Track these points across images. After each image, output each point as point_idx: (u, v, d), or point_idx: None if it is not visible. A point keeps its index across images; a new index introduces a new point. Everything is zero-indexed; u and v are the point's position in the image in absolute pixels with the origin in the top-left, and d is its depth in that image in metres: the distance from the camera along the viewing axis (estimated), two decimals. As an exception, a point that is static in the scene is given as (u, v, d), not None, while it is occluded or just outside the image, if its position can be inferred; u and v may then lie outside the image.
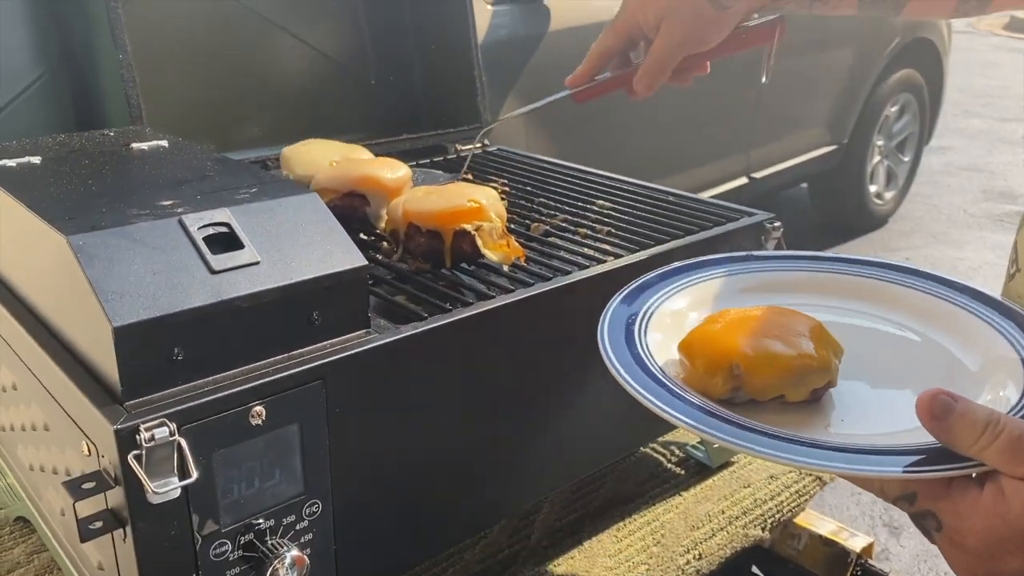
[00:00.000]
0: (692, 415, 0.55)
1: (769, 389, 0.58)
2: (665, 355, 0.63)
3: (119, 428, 0.49)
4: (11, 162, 0.69)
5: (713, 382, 0.58)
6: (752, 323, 0.60)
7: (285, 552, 0.56)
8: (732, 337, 0.59)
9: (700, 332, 0.61)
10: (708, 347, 0.59)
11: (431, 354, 0.63)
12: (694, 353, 0.60)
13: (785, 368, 0.57)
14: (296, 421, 0.56)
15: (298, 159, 0.90)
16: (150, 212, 0.56)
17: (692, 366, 0.60)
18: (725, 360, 0.58)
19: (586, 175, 1.02)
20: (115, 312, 0.50)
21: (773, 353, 0.57)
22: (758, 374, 0.57)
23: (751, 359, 0.57)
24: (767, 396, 0.58)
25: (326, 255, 0.58)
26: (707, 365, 0.58)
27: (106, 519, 0.52)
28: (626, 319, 0.65)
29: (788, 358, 0.57)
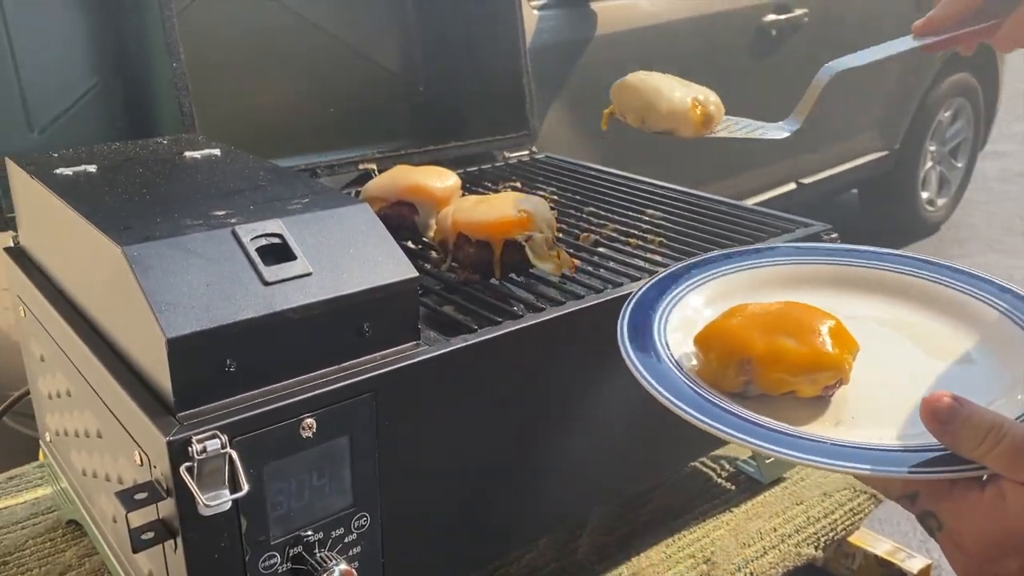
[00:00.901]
0: (698, 405, 0.55)
1: (780, 385, 0.57)
2: (682, 349, 0.63)
3: (171, 440, 0.48)
4: (68, 170, 0.70)
5: (725, 375, 0.58)
6: (768, 318, 0.60)
7: (334, 565, 0.56)
8: (746, 332, 0.59)
9: (715, 326, 0.62)
10: (721, 341, 0.60)
11: (481, 366, 0.63)
12: (708, 346, 0.60)
13: (796, 364, 0.57)
14: (346, 433, 0.56)
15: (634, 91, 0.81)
16: (204, 222, 0.57)
17: (705, 359, 0.60)
18: (737, 354, 0.58)
19: (636, 183, 1.01)
20: (169, 323, 0.50)
21: (785, 349, 0.57)
22: (769, 369, 0.57)
23: (763, 354, 0.57)
24: (778, 391, 0.58)
25: (377, 266, 0.58)
26: (720, 359, 0.59)
27: (157, 530, 0.52)
28: (647, 309, 0.65)
29: (800, 354, 0.57)
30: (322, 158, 1.01)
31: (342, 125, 1.13)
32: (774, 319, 0.60)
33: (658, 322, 0.65)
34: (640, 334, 0.62)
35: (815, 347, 0.57)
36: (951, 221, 3.89)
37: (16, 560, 0.80)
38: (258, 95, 1.08)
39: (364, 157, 1.02)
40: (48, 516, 0.86)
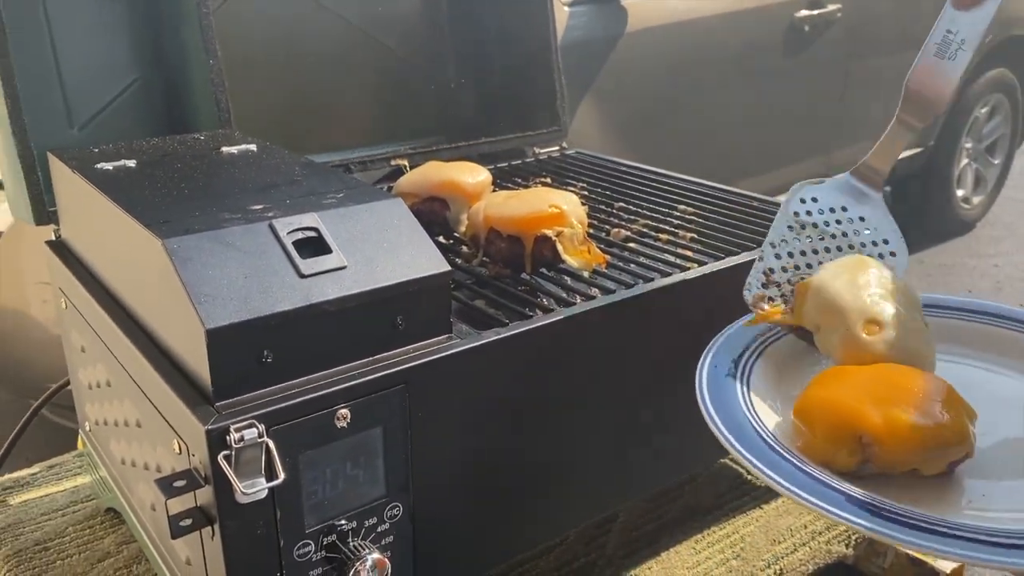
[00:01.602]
0: (824, 495, 0.49)
1: (902, 463, 0.52)
2: (771, 418, 0.59)
3: (210, 428, 0.50)
4: (108, 165, 0.71)
5: (837, 455, 0.53)
6: (877, 386, 0.54)
7: (367, 554, 0.57)
8: (857, 403, 0.53)
9: (818, 396, 0.56)
10: (830, 415, 0.54)
11: (512, 360, 0.63)
12: (814, 420, 0.54)
13: (922, 441, 0.51)
14: (379, 424, 0.57)
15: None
16: (241, 216, 0.58)
17: (811, 435, 0.54)
18: (851, 430, 0.52)
19: (667, 179, 1.01)
20: (208, 314, 0.51)
21: (908, 423, 0.52)
22: (891, 447, 0.52)
23: (882, 430, 0.52)
24: (899, 471, 0.53)
25: (411, 260, 0.59)
26: (830, 435, 0.53)
27: (195, 517, 0.53)
28: (725, 371, 0.62)
29: (925, 429, 0.51)
30: (354, 154, 1.02)
31: (373, 121, 1.14)
32: (885, 387, 0.54)
33: (741, 385, 0.60)
34: (726, 406, 0.58)
35: (939, 419, 0.52)
36: (986, 219, 3.83)
37: (57, 546, 0.82)
38: (291, 92, 1.10)
39: (396, 153, 1.03)
40: (87, 504, 0.88)
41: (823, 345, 0.62)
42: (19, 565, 0.79)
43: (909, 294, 0.64)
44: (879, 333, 0.60)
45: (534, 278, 0.76)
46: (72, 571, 0.79)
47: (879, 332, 0.60)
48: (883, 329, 0.60)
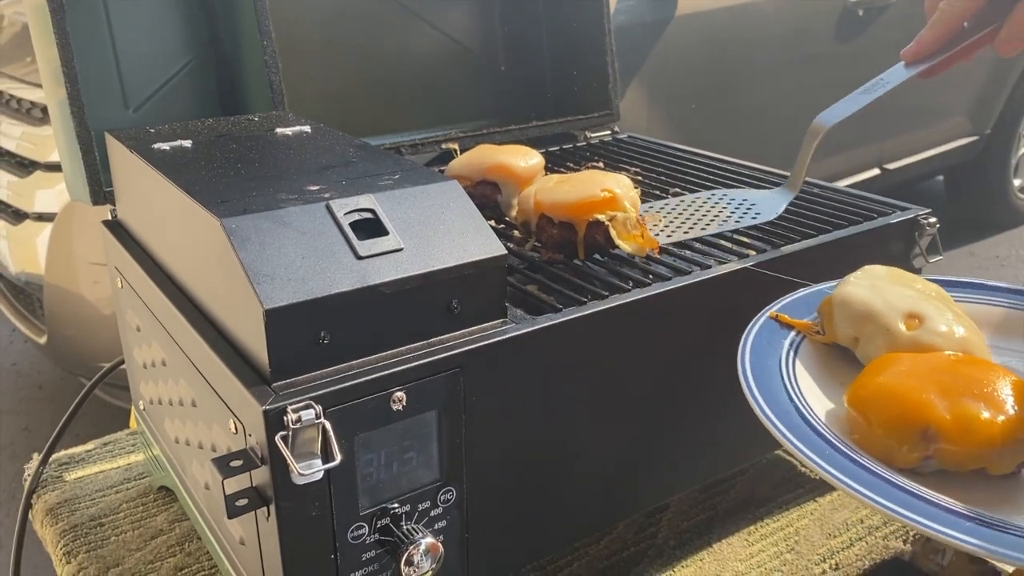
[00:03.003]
0: (889, 494, 0.46)
1: (970, 461, 0.49)
2: (823, 404, 0.56)
3: (268, 409, 0.49)
4: (165, 145, 0.71)
5: (899, 449, 0.49)
6: (941, 376, 0.51)
7: (420, 538, 0.56)
8: (922, 394, 0.49)
9: (876, 383, 0.52)
10: (892, 405, 0.50)
11: (565, 346, 0.62)
12: (872, 410, 0.51)
13: (993, 437, 0.48)
14: (434, 408, 0.56)
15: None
16: (298, 197, 0.57)
17: (868, 426, 0.51)
18: (916, 423, 0.49)
19: (723, 164, 0.99)
20: (267, 295, 0.50)
21: (978, 417, 0.48)
22: (959, 443, 0.48)
23: (951, 425, 0.48)
24: (966, 468, 0.49)
25: (467, 243, 0.58)
26: (891, 427, 0.50)
27: (251, 497, 0.53)
28: (772, 354, 0.58)
29: (996, 425, 0.48)
30: (404, 137, 1.01)
31: (423, 105, 1.13)
32: (950, 377, 0.50)
33: (787, 367, 0.57)
34: (768, 384, 0.54)
35: (1011, 414, 0.48)
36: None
37: (111, 522, 0.83)
38: (342, 74, 1.10)
39: (447, 136, 1.02)
40: (140, 482, 0.89)
41: (867, 358, 0.59)
42: (75, 540, 0.80)
43: (931, 284, 0.63)
44: (922, 325, 0.58)
45: (587, 264, 0.75)
46: (126, 547, 0.80)
47: (921, 324, 0.58)
48: (925, 320, 0.58)
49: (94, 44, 0.89)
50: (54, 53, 0.80)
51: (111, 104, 0.94)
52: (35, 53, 0.83)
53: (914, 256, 0.79)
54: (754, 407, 0.53)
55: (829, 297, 0.62)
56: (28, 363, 2.71)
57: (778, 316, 0.63)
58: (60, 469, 0.92)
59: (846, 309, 0.60)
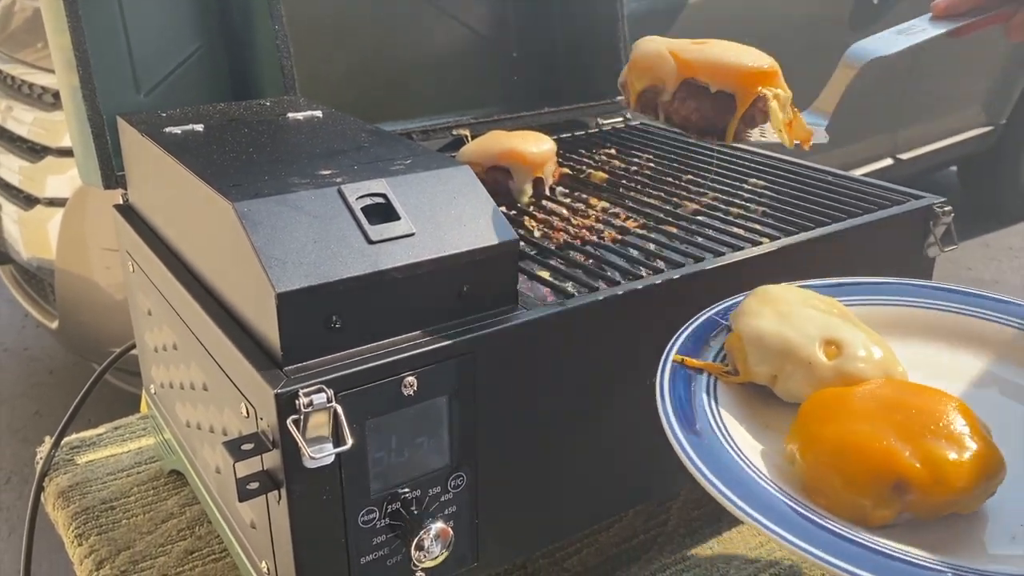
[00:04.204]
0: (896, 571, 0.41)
1: (944, 508, 0.45)
2: (751, 443, 0.51)
3: (279, 392, 0.49)
4: (176, 129, 0.71)
5: (873, 509, 0.45)
6: (892, 414, 0.46)
7: (431, 523, 0.56)
8: (883, 442, 0.45)
9: (831, 437, 0.47)
10: (857, 461, 0.45)
11: (576, 332, 0.62)
12: (835, 469, 0.46)
13: (965, 481, 0.44)
14: (445, 393, 0.56)
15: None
16: (310, 181, 0.57)
17: (828, 487, 0.46)
18: (886, 478, 0.44)
19: (736, 152, 0.98)
20: (278, 278, 0.50)
21: (948, 462, 0.44)
22: (934, 493, 0.44)
23: (922, 475, 0.44)
24: (938, 515, 0.46)
25: (478, 228, 0.58)
26: (860, 486, 0.45)
27: (262, 480, 0.53)
28: (699, 411, 0.53)
29: (965, 466, 0.44)
30: (415, 124, 1.01)
31: (434, 91, 1.13)
32: (902, 415, 0.46)
33: (718, 426, 0.52)
34: (714, 458, 0.49)
35: (973, 449, 0.45)
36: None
37: (122, 505, 0.83)
38: (354, 60, 1.09)
39: (458, 123, 1.01)
40: (151, 465, 0.90)
41: (788, 393, 0.55)
42: (86, 523, 0.81)
43: (827, 299, 0.58)
44: (842, 352, 0.53)
45: (598, 249, 0.75)
46: (137, 530, 0.80)
47: (841, 352, 0.53)
48: (844, 346, 0.54)
49: (106, 29, 0.89)
50: (66, 39, 0.79)
51: (123, 89, 0.94)
52: (47, 39, 0.83)
53: (928, 245, 0.78)
54: (713, 492, 0.47)
55: (736, 333, 0.57)
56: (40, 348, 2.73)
57: (684, 360, 0.58)
58: (72, 453, 0.92)
59: (760, 346, 0.55)
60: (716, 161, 0.95)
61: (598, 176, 0.91)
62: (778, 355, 0.54)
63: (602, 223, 0.79)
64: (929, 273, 0.80)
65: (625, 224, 0.78)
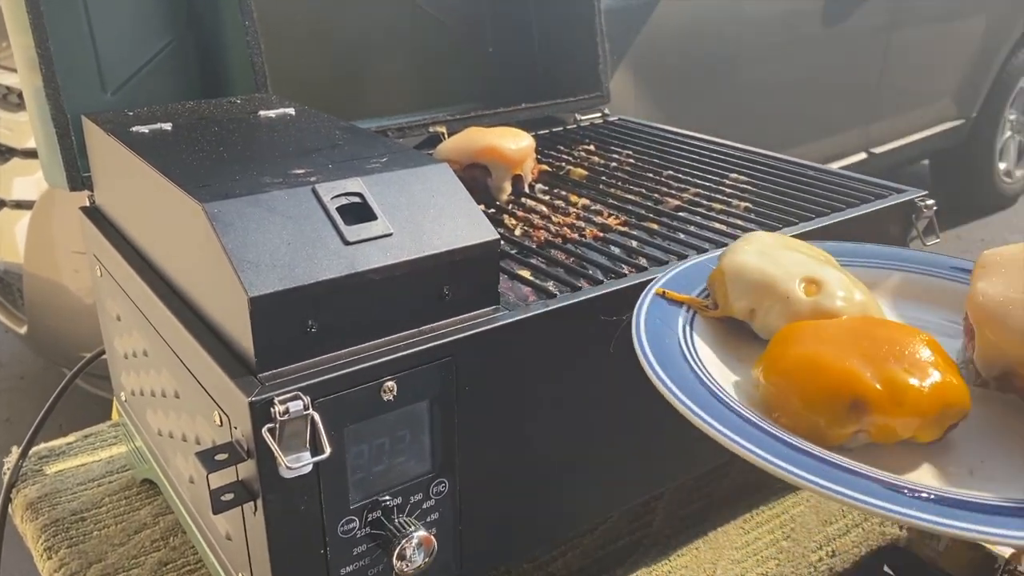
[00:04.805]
0: (835, 477, 0.42)
1: (902, 432, 0.45)
2: (727, 376, 0.51)
3: (254, 400, 0.48)
4: (144, 128, 0.69)
5: (829, 427, 0.45)
6: (860, 340, 0.46)
7: (413, 531, 0.55)
8: (846, 362, 0.45)
9: (794, 354, 0.47)
10: (816, 377, 0.45)
11: (560, 332, 0.61)
12: (794, 384, 0.46)
13: (924, 406, 0.44)
14: (426, 397, 0.55)
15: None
16: (283, 180, 0.55)
17: (791, 403, 0.46)
18: (844, 396, 0.44)
19: (715, 146, 0.97)
20: (251, 282, 0.48)
21: (908, 386, 0.44)
22: (891, 415, 0.44)
23: (881, 395, 0.44)
24: (895, 440, 0.45)
25: (458, 228, 0.56)
26: (818, 402, 0.45)
27: (237, 491, 0.51)
28: (670, 335, 0.53)
29: (925, 392, 0.44)
30: (392, 121, 0.99)
31: (411, 87, 1.11)
32: (869, 341, 0.46)
33: (688, 350, 0.52)
34: (679, 374, 0.49)
35: (936, 379, 0.45)
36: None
37: (93, 516, 0.81)
38: (328, 56, 1.07)
39: (434, 120, 1.00)
40: (123, 474, 0.87)
41: (765, 330, 0.54)
42: (56, 535, 0.78)
43: (817, 249, 0.59)
44: (821, 290, 0.53)
45: (580, 247, 0.73)
46: (109, 542, 0.78)
47: (820, 290, 0.53)
48: (824, 284, 0.54)
49: (70, 27, 0.87)
50: (29, 39, 0.77)
51: (88, 87, 0.92)
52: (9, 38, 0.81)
53: (911, 239, 0.78)
54: (672, 400, 0.48)
55: (719, 268, 0.57)
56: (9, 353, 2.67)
57: (665, 293, 0.58)
58: (40, 463, 0.90)
59: (740, 280, 0.55)
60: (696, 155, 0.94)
61: (578, 172, 0.90)
62: (757, 289, 0.54)
63: (583, 220, 0.78)
64: (912, 267, 0.80)
65: (607, 221, 0.77)
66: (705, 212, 0.79)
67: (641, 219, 0.78)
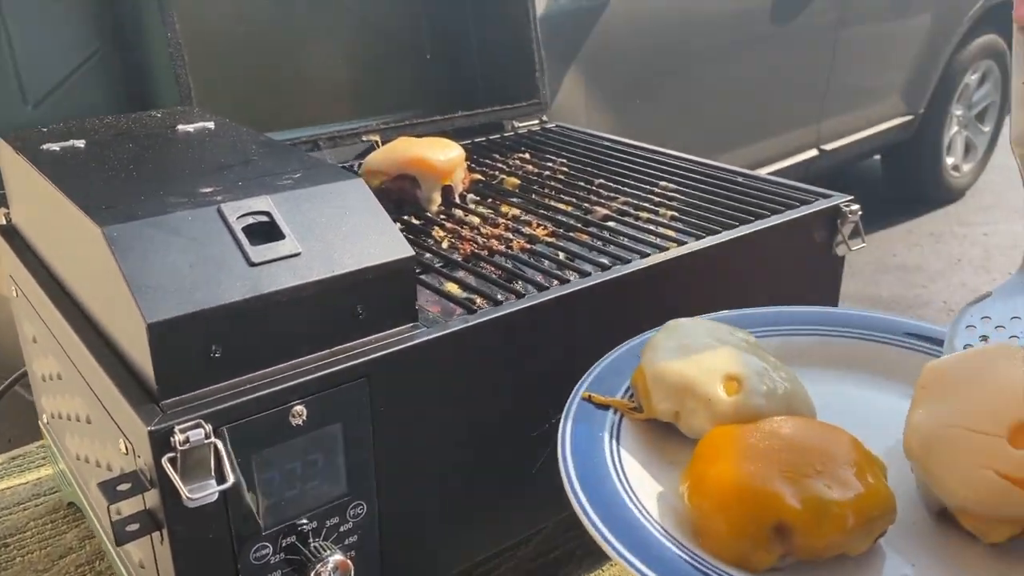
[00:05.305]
0: None
1: (828, 550, 0.44)
2: (654, 491, 0.50)
3: (152, 430, 0.46)
4: (55, 146, 0.67)
5: (754, 552, 0.43)
6: (781, 453, 0.45)
7: (328, 556, 0.54)
8: (766, 484, 0.44)
9: (715, 478, 0.45)
10: (738, 503, 0.44)
11: (480, 348, 0.60)
12: (717, 511, 0.44)
13: (846, 522, 0.43)
14: (339, 420, 0.54)
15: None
16: (188, 200, 0.54)
17: (712, 531, 0.45)
18: (766, 521, 0.43)
19: (649, 154, 0.97)
20: (149, 308, 0.47)
21: (829, 502, 0.43)
22: (814, 536, 0.43)
23: (802, 516, 0.42)
24: (824, 557, 0.44)
25: (371, 245, 0.55)
26: (741, 530, 0.43)
27: (143, 521, 0.50)
28: (597, 449, 0.51)
29: (848, 506, 0.43)
30: (323, 130, 0.98)
31: (348, 96, 1.10)
32: (790, 453, 0.45)
33: (613, 463, 0.50)
34: (602, 497, 0.47)
35: (860, 488, 0.44)
36: (976, 187, 3.81)
37: (17, 542, 0.79)
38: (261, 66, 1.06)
39: (367, 128, 0.99)
40: (50, 497, 0.85)
41: (691, 430, 0.53)
42: (-23, 563, 0.76)
43: (740, 333, 0.58)
44: (743, 387, 0.52)
45: (509, 261, 0.73)
46: (33, 568, 0.76)
47: (742, 387, 0.52)
48: (744, 381, 0.52)
49: (-14, 38, 0.84)
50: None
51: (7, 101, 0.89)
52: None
53: (837, 243, 0.78)
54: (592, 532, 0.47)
55: (641, 370, 0.56)
56: (-46, 367, 2.61)
57: (591, 397, 0.56)
58: (-36, 487, 0.87)
59: (661, 383, 0.54)
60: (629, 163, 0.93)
61: (511, 182, 0.90)
62: (679, 391, 0.53)
63: (511, 232, 0.77)
64: (839, 271, 0.80)
65: (535, 232, 0.77)
66: (633, 222, 0.78)
67: (569, 229, 0.77)
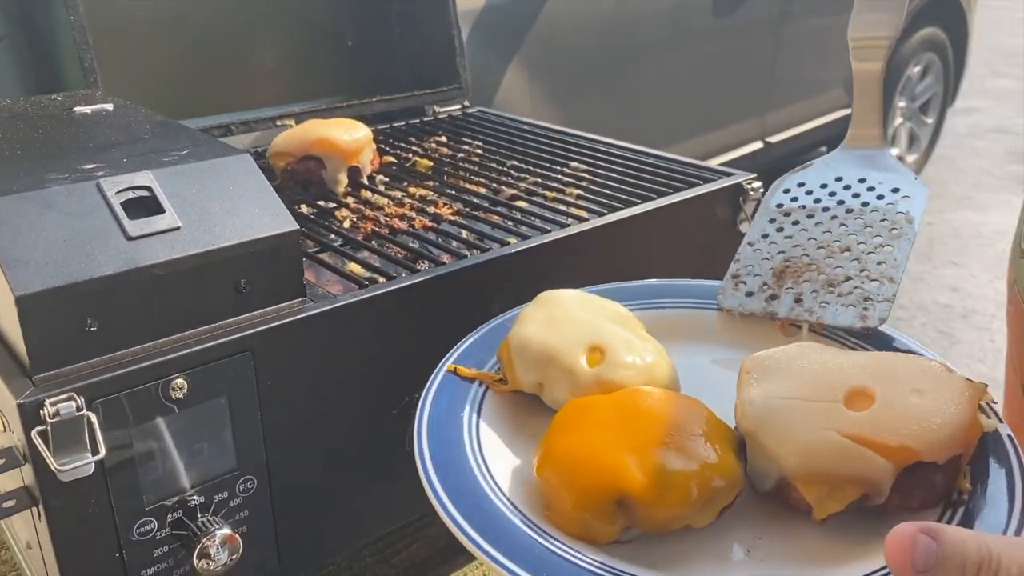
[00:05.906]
0: None
1: (672, 523, 0.43)
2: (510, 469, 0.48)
3: (22, 403, 0.46)
4: (-54, 127, 0.66)
5: (596, 525, 0.42)
6: (630, 424, 0.44)
7: (216, 530, 0.54)
8: (611, 457, 0.42)
9: (561, 449, 0.44)
10: (581, 475, 0.42)
11: (366, 324, 0.60)
12: (560, 483, 0.43)
13: (689, 493, 0.42)
14: (224, 394, 0.54)
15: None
16: (68, 176, 0.54)
17: (558, 503, 0.43)
18: (608, 493, 0.42)
19: (563, 136, 0.98)
20: (18, 281, 0.47)
21: (671, 473, 0.42)
22: (656, 507, 0.42)
23: (644, 488, 0.41)
24: (668, 530, 0.43)
25: (254, 219, 0.55)
26: (583, 501, 0.42)
27: (20, 497, 0.50)
28: (455, 421, 0.51)
29: (691, 477, 0.42)
30: (239, 116, 0.97)
31: (267, 83, 1.09)
32: (639, 424, 0.44)
33: (470, 436, 0.50)
34: (452, 470, 0.47)
35: (704, 458, 0.43)
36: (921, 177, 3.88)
37: (-80, 533, 0.77)
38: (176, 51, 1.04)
39: (281, 114, 0.98)
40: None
41: (555, 402, 0.52)
42: None
43: (613, 305, 0.57)
44: (605, 358, 0.51)
45: (417, 241, 0.73)
46: (-65, 558, 0.75)
47: (604, 357, 0.51)
48: (608, 352, 0.51)
49: None
50: None
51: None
52: None
53: (740, 221, 0.80)
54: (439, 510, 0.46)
55: (507, 341, 0.54)
56: None
57: (456, 369, 0.55)
58: None
59: (525, 353, 0.52)
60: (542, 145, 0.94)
61: (423, 164, 0.90)
62: (541, 362, 0.52)
63: (415, 211, 0.77)
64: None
65: (440, 211, 0.77)
66: (540, 201, 0.79)
67: (476, 208, 0.78)
